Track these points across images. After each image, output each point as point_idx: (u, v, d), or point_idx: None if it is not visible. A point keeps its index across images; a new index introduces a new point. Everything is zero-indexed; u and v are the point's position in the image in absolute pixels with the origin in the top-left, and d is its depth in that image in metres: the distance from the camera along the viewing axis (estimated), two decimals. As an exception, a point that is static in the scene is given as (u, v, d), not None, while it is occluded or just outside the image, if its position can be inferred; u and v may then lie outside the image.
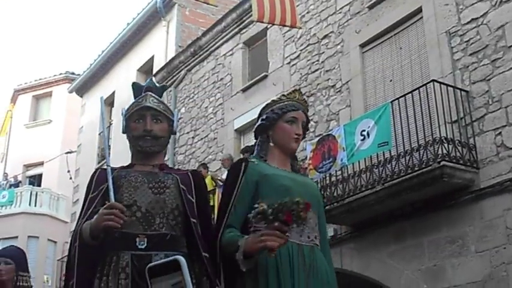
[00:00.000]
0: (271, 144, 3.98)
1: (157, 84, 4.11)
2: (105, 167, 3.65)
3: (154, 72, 21.69)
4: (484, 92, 10.92)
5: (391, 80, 12.93)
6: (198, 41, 19.73)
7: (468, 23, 11.45)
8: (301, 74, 15.31)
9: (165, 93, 20.94)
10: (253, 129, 4.14)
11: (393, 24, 13.02)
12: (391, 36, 13.14)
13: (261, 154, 3.99)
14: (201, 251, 3.59)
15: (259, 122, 4.05)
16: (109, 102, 25.28)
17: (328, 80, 14.44)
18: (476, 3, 11.42)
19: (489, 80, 10.90)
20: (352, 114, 13.33)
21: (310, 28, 15.30)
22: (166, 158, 3.61)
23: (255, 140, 4.10)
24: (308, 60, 15.20)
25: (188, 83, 20.06)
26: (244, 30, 18.04)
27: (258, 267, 3.51)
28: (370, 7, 13.69)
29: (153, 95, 3.86)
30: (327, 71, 14.53)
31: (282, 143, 3.94)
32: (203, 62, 19.61)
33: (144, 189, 3.65)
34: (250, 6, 15.66)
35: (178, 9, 22.54)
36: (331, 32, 14.69)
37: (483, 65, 11.04)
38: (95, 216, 3.39)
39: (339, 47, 14.38)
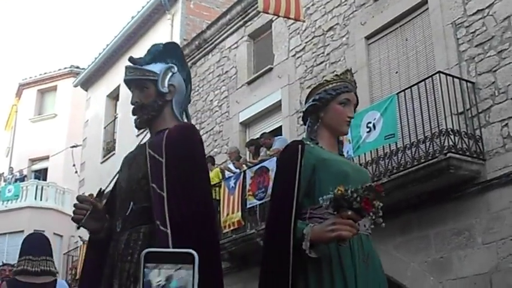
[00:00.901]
0: (319, 125, 3.77)
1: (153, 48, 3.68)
2: None
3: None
4: (490, 84, 10.88)
5: (396, 72, 12.89)
6: (202, 34, 19.70)
7: (474, 14, 11.40)
8: (306, 66, 15.28)
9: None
10: (303, 110, 3.94)
11: (399, 15, 12.98)
12: (397, 28, 13.10)
13: (312, 136, 3.77)
14: (156, 223, 3.08)
15: (310, 102, 3.84)
16: (114, 96, 25.30)
17: (333, 72, 14.35)
18: (482, -6, 11.38)
19: (495, 71, 10.86)
20: (358, 106, 13.26)
21: (315, 20, 15.26)
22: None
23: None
24: (313, 52, 15.16)
25: (193, 76, 20.00)
26: (249, 23, 18.00)
27: (321, 257, 3.31)
28: (376, -1, 13.65)
29: (130, 65, 3.57)
30: (332, 63, 14.50)
31: (335, 125, 3.76)
32: (208, 55, 19.59)
33: (125, 169, 3.51)
34: (255, -1, 15.67)
35: (183, 2, 22.51)
36: (337, 24, 14.65)
37: (489, 56, 10.99)
38: None
39: (344, 39, 14.34)
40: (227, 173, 15.26)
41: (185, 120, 3.61)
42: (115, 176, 3.62)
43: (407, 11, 12.83)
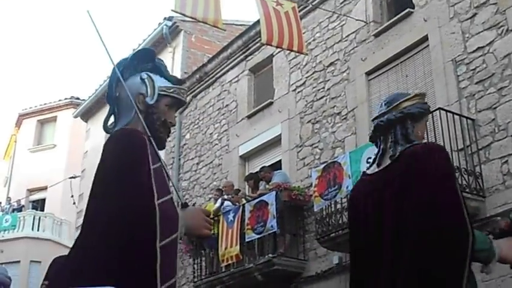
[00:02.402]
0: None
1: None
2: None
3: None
4: (490, 121, 10.90)
5: (396, 108, 12.89)
6: (203, 68, 19.78)
7: (474, 51, 11.46)
8: (306, 101, 15.31)
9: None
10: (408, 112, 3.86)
11: (399, 52, 13.04)
12: (397, 64, 13.16)
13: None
14: None
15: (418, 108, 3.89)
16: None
17: (333, 107, 14.44)
18: (482, 32, 11.44)
19: (495, 108, 10.89)
20: (358, 141, 13.31)
21: (316, 55, 15.33)
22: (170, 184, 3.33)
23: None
24: (314, 87, 15.21)
25: (193, 109, 20.07)
26: (249, 57, 18.07)
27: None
28: (376, 35, 13.73)
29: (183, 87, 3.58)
30: (332, 98, 14.54)
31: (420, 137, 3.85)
32: (208, 88, 19.64)
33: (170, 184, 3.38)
34: (256, 34, 15.77)
35: (184, 35, 22.64)
36: (337, 59, 14.72)
37: (489, 94, 11.03)
38: (192, 215, 3.22)
39: (344, 74, 14.40)
40: (226, 206, 15.20)
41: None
42: None
43: (407, 48, 12.89)
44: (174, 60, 22.57)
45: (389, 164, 3.60)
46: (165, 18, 22.50)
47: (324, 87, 14.92)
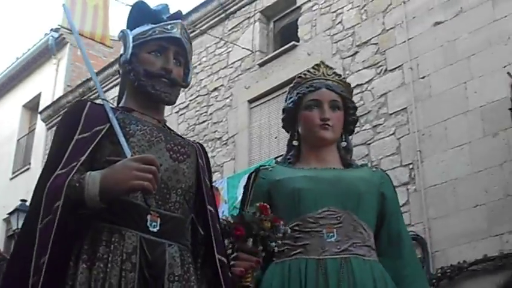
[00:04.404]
0: (295, 142, 3.22)
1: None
2: (98, 101, 2.70)
3: (40, 109, 21.28)
4: (364, 156, 11.25)
5: (276, 137, 13.16)
6: (87, 82, 19.48)
7: (353, 88, 11.80)
8: (188, 124, 15.38)
9: (49, 131, 20.62)
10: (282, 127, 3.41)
11: (282, 83, 13.25)
12: (279, 95, 13.40)
13: (288, 155, 3.24)
14: (215, 252, 2.57)
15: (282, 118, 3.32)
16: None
17: (215, 132, 14.57)
18: (362, 70, 11.87)
19: (369, 144, 11.28)
20: (236, 167, 13.47)
21: (201, 80, 15.44)
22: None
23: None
24: (197, 111, 15.29)
25: (74, 124, 19.74)
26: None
27: None
28: (261, 65, 13.99)
29: (185, 27, 2.87)
30: (214, 123, 14.67)
31: (308, 135, 3.14)
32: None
33: (161, 148, 2.62)
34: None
35: (70, 48, 22.22)
36: (221, 85, 14.88)
37: (364, 130, 11.42)
38: (114, 168, 2.32)
39: (227, 100, 14.57)
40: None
41: None
42: None
43: (290, 79, 13.01)
44: (57, 73, 22.18)
45: None
46: (51, 30, 22.08)
47: (206, 112, 15.04)
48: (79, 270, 2.28)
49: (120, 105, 2.82)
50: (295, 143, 3.20)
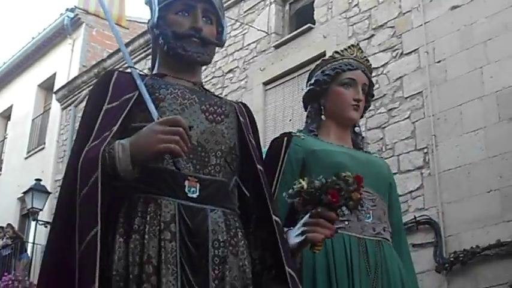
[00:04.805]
0: (323, 116, 3.19)
1: None
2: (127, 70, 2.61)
3: (55, 89, 21.38)
4: (379, 139, 11.26)
5: (290, 120, 13.17)
6: (102, 63, 19.54)
7: (369, 71, 11.80)
8: (203, 105, 15.36)
9: (64, 112, 20.76)
10: (303, 97, 3.35)
11: (297, 65, 13.28)
12: (294, 77, 13.40)
13: (311, 127, 3.19)
14: (271, 213, 2.47)
15: (307, 87, 3.27)
16: (6, 115, 24.75)
17: (231, 112, 14.56)
18: (378, 53, 11.83)
19: (384, 128, 11.26)
20: (250, 149, 13.46)
21: (216, 61, 15.41)
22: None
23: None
24: (211, 92, 15.29)
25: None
26: (151, 57, 17.98)
27: (302, 268, 2.76)
28: (276, 47, 13.96)
29: None
30: (229, 105, 14.65)
31: (337, 112, 3.15)
32: (106, 84, 19.42)
33: (195, 110, 2.52)
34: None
35: (86, 28, 22.29)
36: (237, 67, 14.88)
37: (379, 113, 11.40)
38: (140, 134, 2.25)
39: (242, 82, 14.57)
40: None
41: None
42: None
43: (305, 62, 13.12)
44: (73, 53, 22.24)
45: None
46: (67, 10, 22.07)
47: (221, 93, 15.00)
48: (116, 244, 2.23)
49: (153, 72, 2.73)
50: (323, 117, 3.17)
